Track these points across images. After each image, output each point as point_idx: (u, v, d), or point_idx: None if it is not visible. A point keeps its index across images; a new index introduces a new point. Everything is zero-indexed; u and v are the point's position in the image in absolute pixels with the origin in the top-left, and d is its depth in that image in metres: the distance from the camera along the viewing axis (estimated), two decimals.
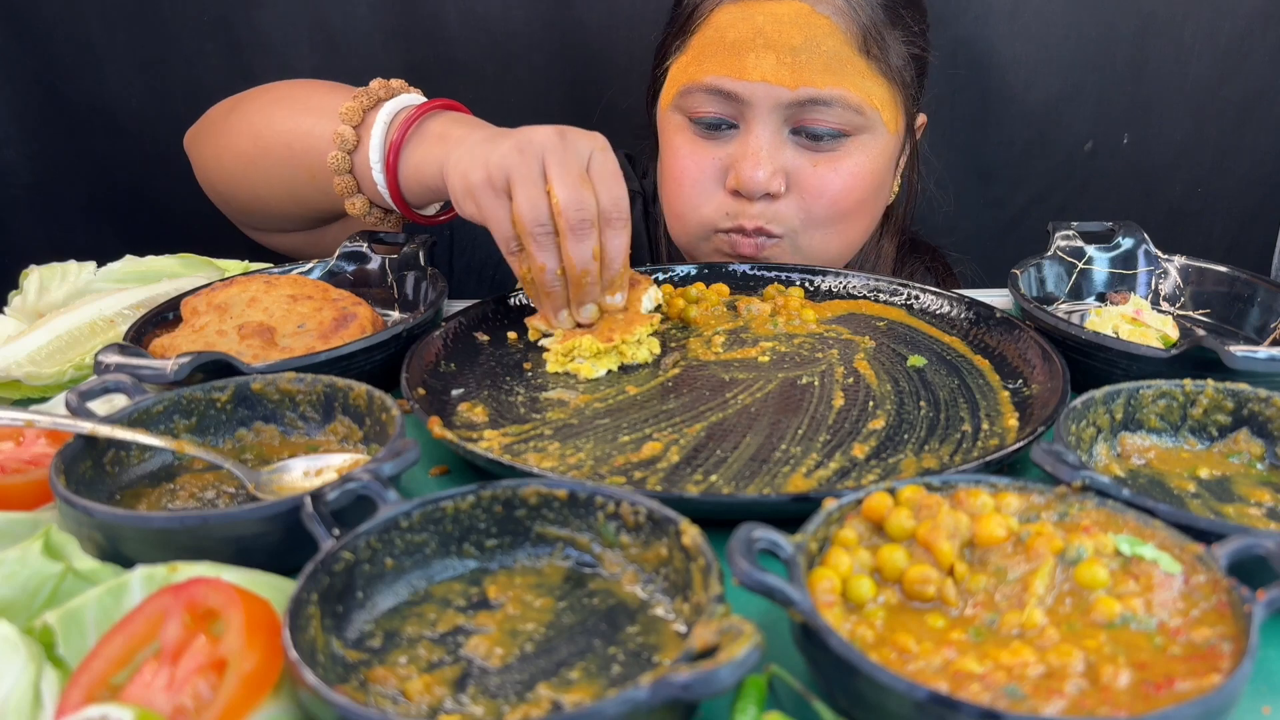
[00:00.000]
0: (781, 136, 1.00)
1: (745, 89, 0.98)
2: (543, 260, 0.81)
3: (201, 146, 1.08)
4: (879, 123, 1.02)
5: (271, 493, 0.64)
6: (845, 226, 1.05)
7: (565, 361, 0.84)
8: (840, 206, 1.02)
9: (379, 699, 0.49)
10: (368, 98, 0.93)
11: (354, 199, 0.95)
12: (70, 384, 0.83)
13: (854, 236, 1.08)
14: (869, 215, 1.07)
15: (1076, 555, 0.54)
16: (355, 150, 0.93)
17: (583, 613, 0.54)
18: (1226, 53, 1.42)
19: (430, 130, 0.91)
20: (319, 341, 0.82)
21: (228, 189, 1.06)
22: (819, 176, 1.00)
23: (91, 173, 1.52)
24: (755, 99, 0.98)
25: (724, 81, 0.99)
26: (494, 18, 1.45)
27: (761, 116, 0.99)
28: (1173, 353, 0.77)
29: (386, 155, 0.91)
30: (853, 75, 0.98)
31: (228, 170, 1.04)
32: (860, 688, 0.46)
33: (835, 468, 0.71)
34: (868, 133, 1.01)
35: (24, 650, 0.48)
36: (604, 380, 0.83)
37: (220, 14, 1.43)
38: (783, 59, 0.97)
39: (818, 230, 1.03)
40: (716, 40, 1.00)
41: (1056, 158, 1.49)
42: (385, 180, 0.92)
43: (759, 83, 0.97)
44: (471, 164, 0.82)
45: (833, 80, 0.97)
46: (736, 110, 1.00)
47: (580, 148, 0.82)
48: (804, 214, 1.02)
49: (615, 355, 0.84)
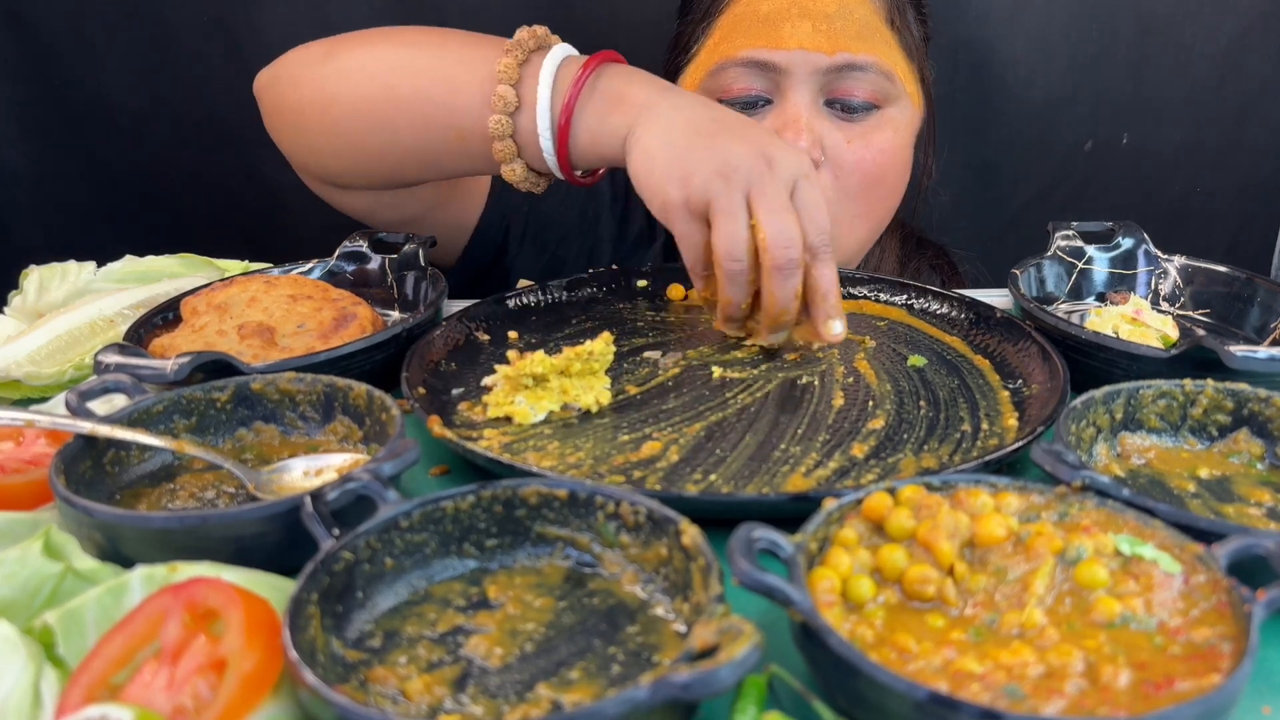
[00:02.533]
0: (817, 107, 1.00)
1: (783, 58, 0.98)
2: (732, 295, 0.80)
3: (287, 93, 0.97)
4: (904, 94, 1.03)
5: (271, 493, 0.64)
6: (873, 206, 1.05)
7: (506, 406, 0.77)
8: (871, 181, 1.02)
9: (379, 699, 0.49)
10: (520, 50, 0.86)
11: (513, 164, 0.88)
12: (70, 384, 0.83)
13: (880, 217, 1.07)
14: (896, 195, 1.07)
15: (1076, 555, 0.54)
16: (518, 112, 0.86)
17: (583, 613, 0.54)
18: (1227, 52, 1.42)
19: (606, 91, 0.84)
20: (319, 341, 0.82)
21: (324, 141, 0.96)
22: (853, 151, 1.00)
23: (91, 173, 1.52)
24: (793, 67, 0.98)
25: (760, 53, 0.98)
26: (495, 18, 1.44)
27: (798, 85, 0.98)
28: (1173, 353, 0.77)
29: (558, 119, 0.84)
30: (882, 44, 1.00)
31: (334, 121, 0.93)
32: (860, 688, 0.46)
33: (835, 467, 0.71)
34: (896, 105, 1.02)
35: (24, 650, 0.48)
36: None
37: (220, 14, 1.43)
38: (818, 26, 0.97)
39: (848, 207, 1.02)
40: (749, 15, 1.00)
41: (1056, 157, 1.49)
42: (554, 147, 0.85)
43: (796, 50, 0.97)
44: (668, 176, 0.78)
45: (866, 47, 0.99)
46: (772, 83, 1.00)
47: (786, 175, 0.78)
48: (836, 189, 1.01)
49: (558, 395, 0.78)
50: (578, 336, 0.90)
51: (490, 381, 0.80)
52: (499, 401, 0.77)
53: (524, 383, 0.77)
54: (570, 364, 0.77)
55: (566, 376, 0.78)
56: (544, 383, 0.77)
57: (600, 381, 0.79)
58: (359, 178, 0.99)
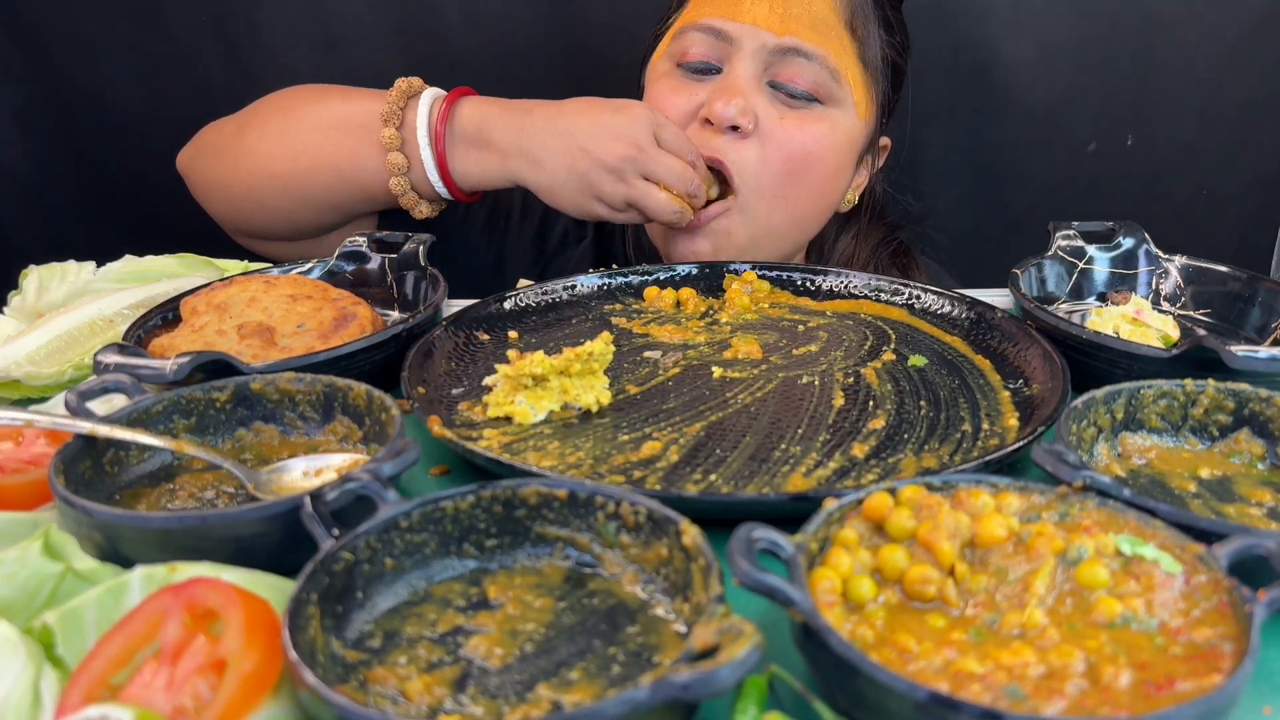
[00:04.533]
0: (759, 82, 1.05)
1: (735, 29, 1.04)
2: (681, 219, 1.01)
3: (210, 169, 1.11)
4: (850, 100, 1.06)
5: (271, 493, 0.64)
6: (795, 198, 1.07)
7: (506, 406, 0.77)
8: (795, 165, 1.05)
9: (379, 699, 0.49)
10: (395, 114, 1.01)
11: (420, 205, 1.05)
12: (70, 384, 0.82)
13: (803, 213, 1.09)
14: (822, 193, 1.09)
15: (1077, 555, 0.54)
16: (409, 170, 1.02)
17: (583, 613, 0.54)
18: (1233, 53, 1.41)
19: (463, 135, 1.01)
20: (319, 341, 0.82)
21: (249, 208, 1.10)
22: (784, 128, 1.04)
23: (91, 173, 1.52)
24: (743, 39, 1.04)
25: (716, 21, 1.05)
26: (495, 16, 1.45)
27: (745, 58, 1.04)
28: (1173, 353, 0.77)
29: (440, 169, 1.02)
30: (835, 41, 1.04)
31: (254, 191, 1.08)
32: (861, 688, 0.46)
33: (835, 467, 0.70)
34: (838, 106, 1.06)
35: (23, 650, 0.48)
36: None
37: (220, 14, 1.43)
38: (775, 7, 1.03)
39: (772, 188, 1.05)
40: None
41: (1059, 159, 1.49)
42: (447, 191, 1.04)
43: (749, 25, 1.03)
44: (581, 202, 0.99)
45: (818, 39, 1.03)
46: (724, 53, 1.06)
47: (648, 140, 0.97)
48: (760, 164, 1.04)
49: (558, 395, 0.78)
50: (578, 336, 0.90)
51: (490, 381, 0.80)
52: (499, 401, 0.77)
53: (524, 383, 0.77)
54: (570, 364, 0.77)
55: (566, 376, 0.78)
56: (544, 383, 0.77)
57: (600, 381, 0.79)
58: (284, 233, 1.12)
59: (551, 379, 0.77)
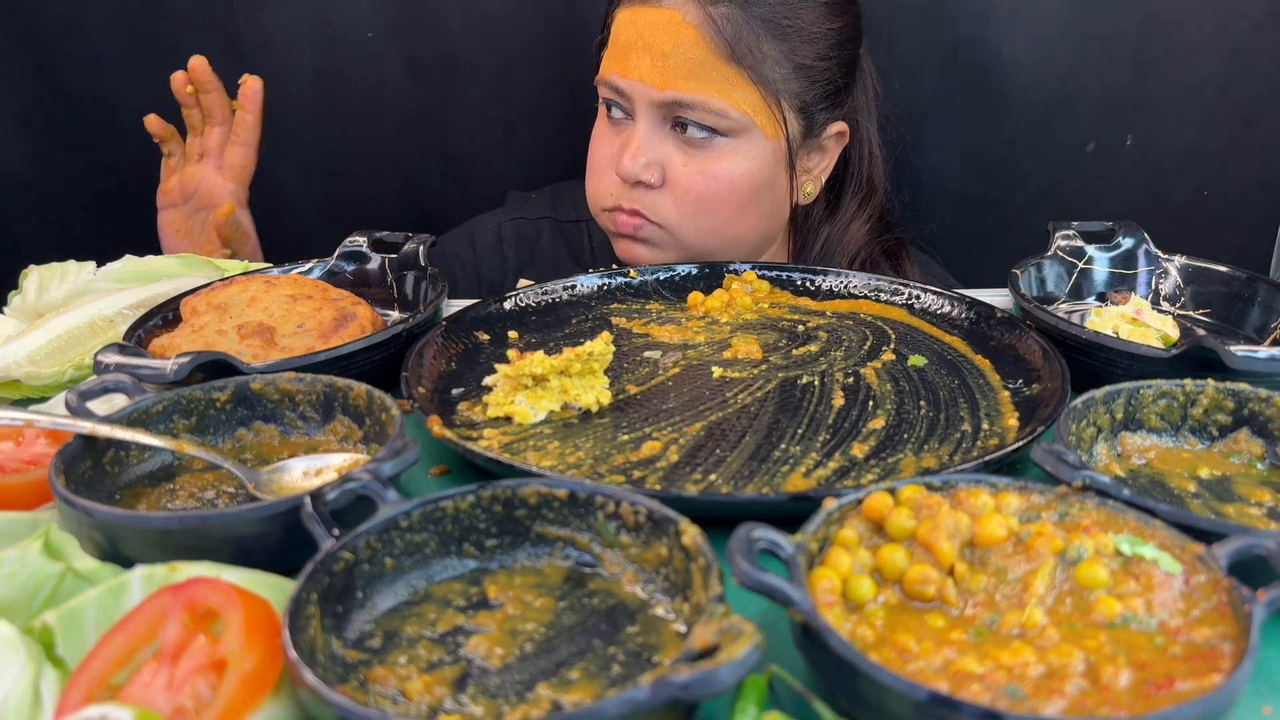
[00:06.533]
0: (663, 130, 1.08)
1: (627, 85, 1.07)
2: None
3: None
4: (752, 127, 1.07)
5: (271, 493, 0.64)
6: (721, 224, 1.11)
7: (506, 406, 0.77)
8: (708, 204, 1.09)
9: (379, 699, 0.49)
10: None
11: None
12: (70, 384, 0.82)
13: (736, 233, 1.13)
14: (750, 214, 1.12)
15: (1077, 555, 0.54)
16: None
17: (583, 613, 0.54)
18: (1234, 52, 1.40)
19: None
20: (319, 341, 0.82)
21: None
22: (688, 175, 1.08)
23: (91, 173, 1.52)
24: (635, 95, 1.07)
25: (613, 78, 1.09)
26: (495, 16, 1.44)
27: (642, 111, 1.08)
28: (1173, 353, 0.77)
29: None
30: (718, 82, 1.05)
31: None
32: (860, 688, 0.46)
33: (835, 467, 0.70)
34: (741, 135, 1.08)
35: (24, 650, 0.48)
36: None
37: (220, 14, 1.42)
38: (655, 62, 1.05)
39: (690, 224, 1.10)
40: (615, 42, 1.10)
41: (1058, 158, 1.48)
42: None
43: (636, 81, 1.06)
44: None
45: (696, 86, 1.05)
46: (630, 104, 1.09)
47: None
48: (675, 208, 1.09)
49: (558, 395, 0.78)
50: (578, 336, 0.90)
51: (490, 381, 0.80)
52: (499, 401, 0.77)
53: (524, 383, 0.77)
54: (570, 364, 0.77)
55: (566, 376, 0.78)
56: (544, 383, 0.77)
57: (600, 381, 0.79)
58: None
59: (551, 379, 0.77)
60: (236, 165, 1.16)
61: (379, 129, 1.50)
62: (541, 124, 1.50)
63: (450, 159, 1.52)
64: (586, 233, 1.31)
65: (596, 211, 1.15)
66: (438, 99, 1.48)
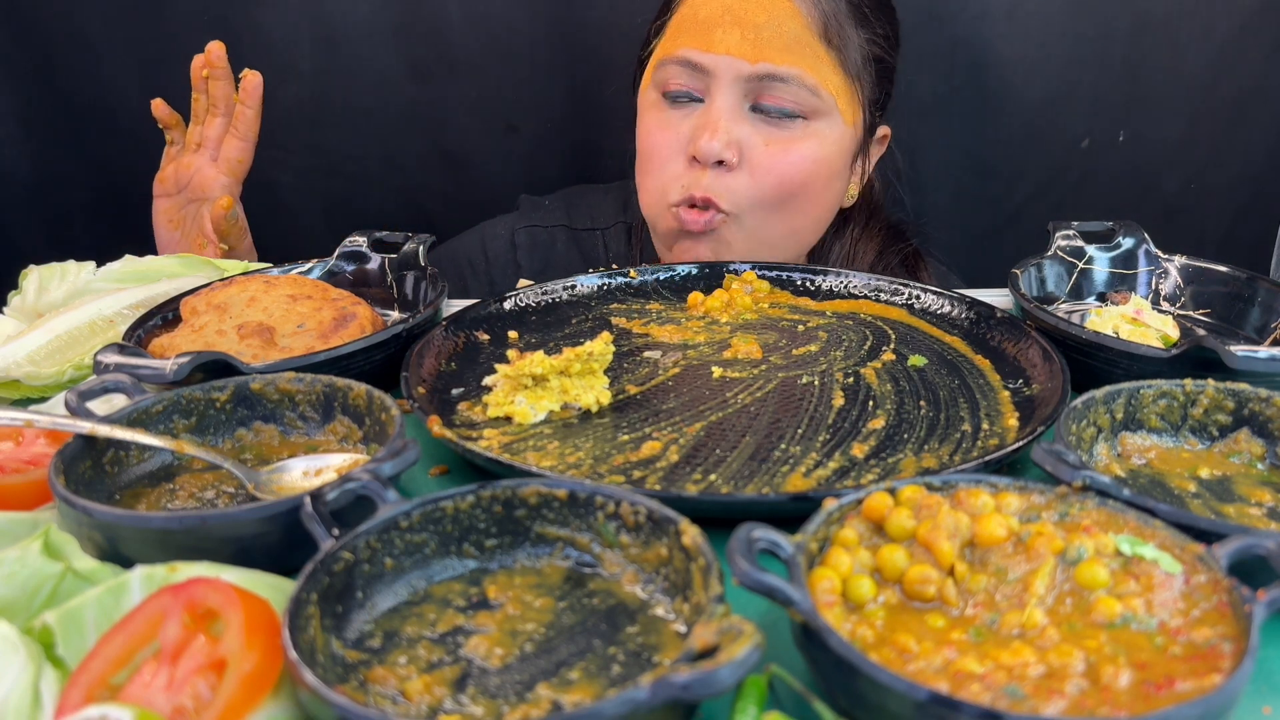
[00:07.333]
0: (741, 110, 1.05)
1: (710, 61, 1.04)
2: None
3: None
4: (834, 110, 1.06)
5: (271, 493, 0.64)
6: (791, 212, 1.08)
7: (506, 406, 0.77)
8: (787, 188, 1.06)
9: (379, 699, 0.49)
10: None
11: None
12: (70, 384, 0.82)
13: (801, 224, 1.11)
14: (818, 205, 1.11)
15: (1077, 555, 0.54)
16: None
17: (583, 613, 0.54)
18: (1222, 50, 1.42)
19: None
20: (319, 341, 0.82)
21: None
22: (770, 155, 1.05)
23: (91, 173, 1.52)
24: (719, 71, 1.04)
25: (693, 54, 1.05)
26: (496, 16, 1.45)
27: (724, 88, 1.04)
28: (1173, 353, 0.77)
29: None
30: (810, 58, 1.04)
31: None
32: (860, 688, 0.46)
33: (835, 467, 0.70)
34: (823, 119, 1.06)
35: (24, 650, 0.48)
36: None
37: (220, 13, 1.43)
38: (746, 35, 1.03)
39: (762, 210, 1.07)
40: (690, 18, 1.07)
41: (1053, 155, 1.50)
42: None
43: (723, 55, 1.03)
44: None
45: (791, 59, 1.03)
46: (703, 83, 1.06)
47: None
48: (752, 190, 1.06)
49: (558, 395, 0.78)
50: (578, 336, 0.90)
51: (490, 381, 0.80)
52: (499, 401, 0.77)
53: (524, 383, 0.77)
54: (570, 364, 0.77)
55: (566, 376, 0.78)
56: (544, 383, 0.77)
57: (600, 381, 0.79)
58: None
59: (551, 379, 0.77)
60: (233, 159, 1.15)
61: (378, 129, 1.50)
62: (541, 124, 1.50)
63: (450, 159, 1.52)
64: (602, 241, 1.29)
65: (659, 210, 1.10)
66: (438, 99, 1.48)
